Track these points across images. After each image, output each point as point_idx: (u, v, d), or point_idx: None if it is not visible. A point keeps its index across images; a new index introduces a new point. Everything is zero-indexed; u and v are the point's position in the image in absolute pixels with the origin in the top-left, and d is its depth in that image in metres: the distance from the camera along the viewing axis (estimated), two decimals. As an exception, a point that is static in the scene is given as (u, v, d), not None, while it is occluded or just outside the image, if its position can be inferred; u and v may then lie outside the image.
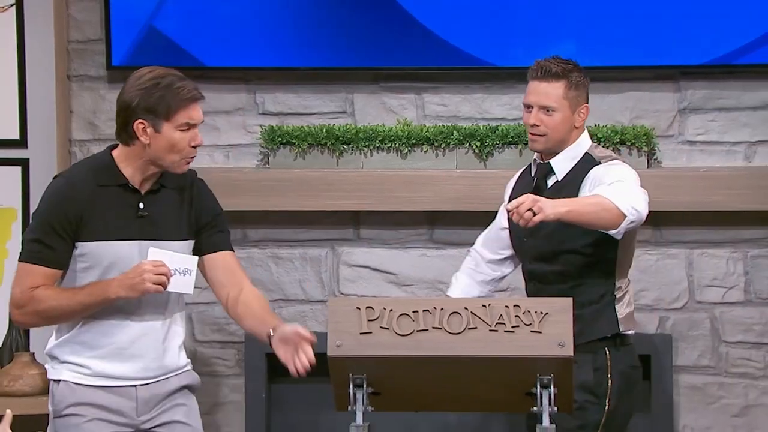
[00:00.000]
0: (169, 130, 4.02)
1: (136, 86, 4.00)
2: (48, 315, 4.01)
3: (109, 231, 4.03)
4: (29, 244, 4.00)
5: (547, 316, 3.92)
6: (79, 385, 4.03)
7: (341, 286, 5.41)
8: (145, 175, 4.07)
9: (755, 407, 5.34)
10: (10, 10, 5.48)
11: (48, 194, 4.04)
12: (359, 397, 3.96)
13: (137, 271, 4.00)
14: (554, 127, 4.43)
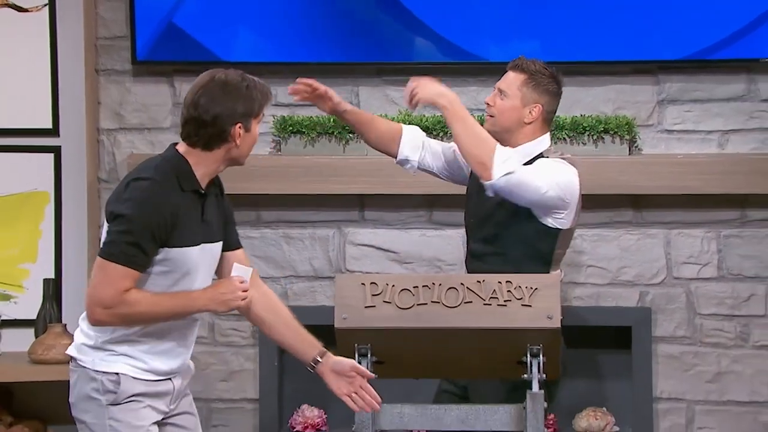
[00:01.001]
0: (255, 126, 3.95)
1: (226, 94, 3.88)
2: (134, 319, 3.86)
3: (190, 237, 3.89)
4: (126, 246, 3.79)
5: (537, 291, 3.93)
6: (135, 379, 3.93)
7: (347, 263, 5.39)
8: (211, 179, 3.97)
9: (727, 374, 5.33)
10: (44, 10, 5.46)
11: (141, 197, 3.83)
12: (364, 365, 3.94)
13: (230, 288, 3.93)
14: (501, 110, 4.39)
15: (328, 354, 4.09)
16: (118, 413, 3.90)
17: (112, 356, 3.91)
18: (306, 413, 5.44)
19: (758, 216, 5.29)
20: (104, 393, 3.90)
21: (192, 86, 3.90)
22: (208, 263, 3.98)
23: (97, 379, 3.90)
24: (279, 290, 5.37)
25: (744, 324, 5.31)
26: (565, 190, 4.32)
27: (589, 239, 5.31)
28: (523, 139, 4.41)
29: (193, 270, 3.91)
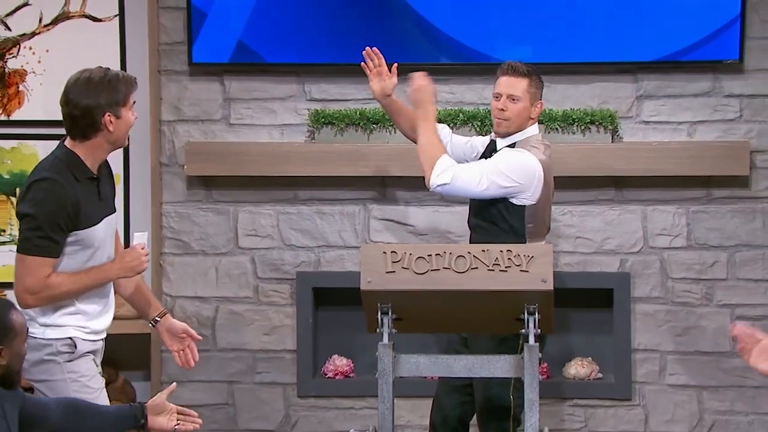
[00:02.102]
0: (126, 112, 3.95)
1: (90, 89, 3.88)
2: (58, 298, 3.91)
3: (92, 218, 3.92)
4: (38, 240, 3.83)
5: (533, 259, 3.93)
6: (84, 340, 3.98)
7: (371, 235, 5.39)
8: (99, 162, 3.99)
9: (694, 328, 5.33)
10: (114, 20, 5.47)
11: (43, 197, 3.84)
12: (385, 322, 3.97)
13: (134, 255, 3.98)
14: (517, 113, 4.43)
15: (168, 316, 4.21)
16: (74, 367, 3.95)
17: (61, 327, 3.95)
18: (336, 362, 5.47)
19: (721, 194, 5.29)
20: (59, 354, 3.93)
21: (64, 86, 3.92)
22: (110, 233, 4.04)
23: (51, 344, 3.93)
24: (313, 258, 5.40)
25: (709, 286, 5.31)
26: (515, 174, 4.35)
27: (577, 214, 5.32)
28: (525, 129, 4.48)
29: (101, 243, 3.97)
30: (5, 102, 5.51)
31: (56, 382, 3.93)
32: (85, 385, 3.95)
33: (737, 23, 5.15)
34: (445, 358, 4.13)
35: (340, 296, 5.30)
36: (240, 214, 5.42)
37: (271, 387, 5.43)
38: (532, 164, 4.38)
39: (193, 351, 4.23)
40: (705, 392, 5.33)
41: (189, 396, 5.43)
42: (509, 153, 4.41)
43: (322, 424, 5.42)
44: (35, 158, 5.50)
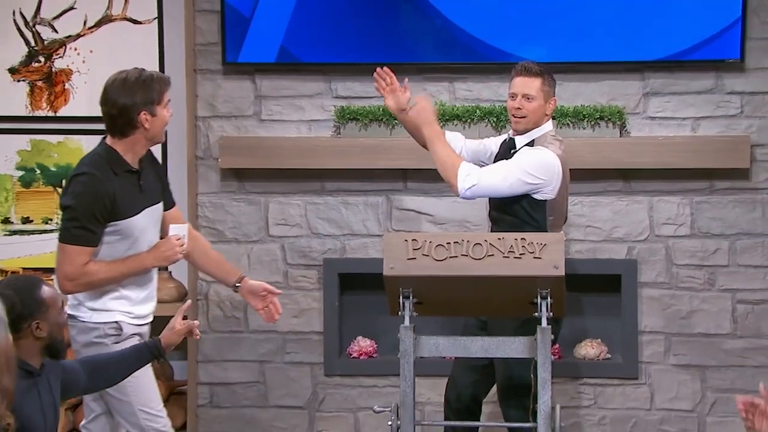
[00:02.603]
0: (161, 110, 3.97)
1: (126, 89, 3.91)
2: (95, 285, 3.95)
3: (132, 208, 3.96)
4: (76, 230, 3.87)
5: (546, 246, 3.93)
6: (130, 324, 4.03)
7: (393, 224, 5.39)
8: (140, 157, 4.01)
9: (697, 311, 5.32)
10: (153, 22, 5.50)
11: (81, 190, 3.89)
12: (407, 305, 3.98)
13: (169, 245, 4.02)
14: (533, 110, 4.44)
15: (246, 278, 4.30)
16: (121, 348, 3.97)
17: (107, 312, 3.99)
18: (360, 343, 5.47)
19: (723, 186, 5.27)
20: (106, 337, 3.98)
21: (103, 87, 3.95)
22: (153, 222, 4.06)
23: (99, 328, 3.98)
24: (339, 245, 5.40)
25: (711, 272, 5.29)
26: (538, 172, 4.35)
27: (587, 205, 5.31)
28: (540, 125, 4.47)
29: (142, 232, 4.00)
30: (52, 99, 5.53)
31: None
32: None
33: (738, 24, 5.14)
34: (463, 340, 4.13)
35: (364, 281, 5.30)
36: (270, 205, 5.42)
37: (300, 366, 5.44)
38: (552, 161, 4.38)
39: (276, 305, 4.33)
40: (707, 371, 5.32)
41: (223, 374, 5.45)
42: (530, 152, 4.41)
43: (347, 401, 5.43)
44: (80, 152, 5.52)
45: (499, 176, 4.35)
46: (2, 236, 5.58)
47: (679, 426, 5.33)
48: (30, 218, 5.59)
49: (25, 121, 5.54)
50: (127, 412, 4.01)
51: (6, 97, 5.52)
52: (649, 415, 5.34)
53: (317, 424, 5.45)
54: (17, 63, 5.53)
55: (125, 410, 4.01)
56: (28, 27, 5.52)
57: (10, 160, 5.56)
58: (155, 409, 4.04)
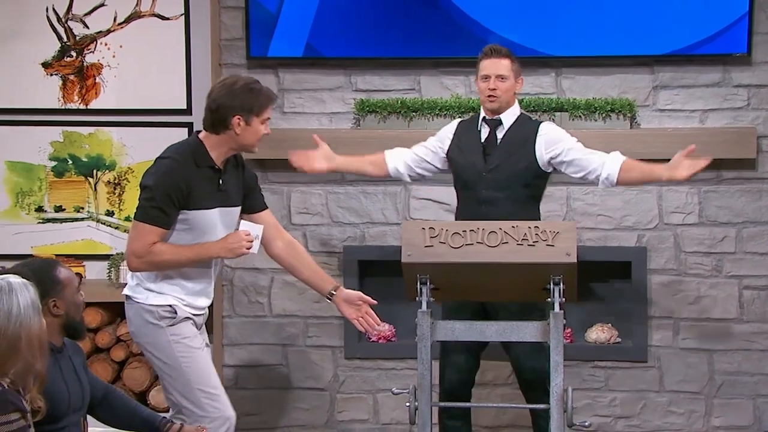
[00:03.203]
0: (257, 123, 3.97)
1: (230, 91, 3.93)
2: (160, 266, 3.96)
3: (206, 202, 3.97)
4: (150, 210, 3.89)
5: (558, 234, 3.93)
6: (183, 308, 4.04)
7: (411, 212, 5.38)
8: (227, 157, 4.02)
9: (704, 297, 5.30)
10: (180, 18, 5.48)
11: (162, 172, 3.91)
12: (424, 291, 3.98)
13: (236, 239, 4.00)
14: (506, 90, 4.49)
15: (341, 287, 4.24)
16: (176, 330, 4.01)
17: (161, 295, 4.00)
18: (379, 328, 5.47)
19: (730, 176, 5.25)
20: (161, 319, 3.99)
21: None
22: (226, 223, 4.04)
23: (153, 311, 3.99)
24: (358, 233, 5.40)
25: (718, 259, 5.28)
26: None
27: (599, 194, 5.29)
28: (513, 104, 4.55)
29: (211, 228, 3.99)
30: (83, 92, 5.55)
31: (161, 343, 4.00)
32: (187, 345, 4.02)
33: (746, 19, 5.11)
34: (478, 324, 4.13)
35: (382, 268, 5.30)
36: (293, 194, 5.42)
37: (321, 350, 5.45)
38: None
39: (373, 316, 4.22)
40: (714, 355, 5.30)
41: (247, 357, 5.46)
42: (555, 129, 4.56)
43: (366, 384, 5.44)
44: (110, 143, 5.54)
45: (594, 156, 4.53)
46: (36, 224, 5.60)
47: (687, 407, 5.32)
48: (62, 207, 5.61)
49: (58, 113, 5.56)
50: (185, 391, 4.00)
51: (39, 90, 5.54)
52: (658, 396, 5.33)
53: (338, 406, 5.46)
54: (50, 58, 5.54)
55: (184, 389, 4.00)
56: (60, 23, 5.53)
57: (43, 150, 5.57)
58: (214, 387, 4.03)
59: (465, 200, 4.56)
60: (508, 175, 4.47)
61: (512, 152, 4.49)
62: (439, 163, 4.67)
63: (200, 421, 3.96)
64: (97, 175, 5.58)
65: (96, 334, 5.40)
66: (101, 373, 5.33)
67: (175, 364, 3.99)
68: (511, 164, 4.48)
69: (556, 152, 4.49)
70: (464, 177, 4.55)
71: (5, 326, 2.99)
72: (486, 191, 4.49)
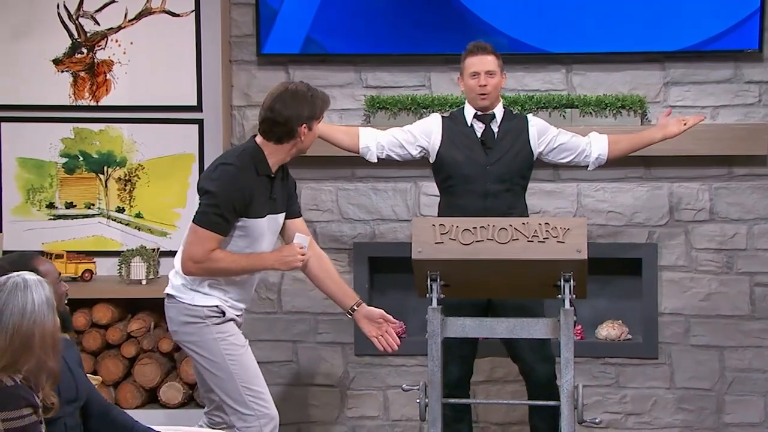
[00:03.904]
0: (316, 126, 4.00)
1: (295, 102, 3.93)
2: (216, 272, 3.97)
3: (260, 210, 3.98)
4: (213, 216, 3.88)
5: (569, 231, 3.93)
6: (228, 308, 4.05)
7: (421, 209, 5.38)
8: (281, 164, 4.03)
9: (715, 294, 5.29)
10: (191, 15, 5.48)
11: (227, 179, 3.90)
12: (434, 287, 3.98)
13: (292, 252, 4.04)
14: (495, 85, 4.56)
15: (363, 304, 4.21)
16: (221, 328, 4.02)
17: (207, 296, 4.01)
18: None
19: (741, 172, 5.24)
20: (206, 318, 4.00)
21: (269, 93, 3.98)
22: (272, 229, 4.07)
23: (198, 310, 3.99)
24: (369, 230, 5.40)
25: (729, 256, 5.26)
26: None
27: (609, 191, 5.28)
28: (498, 98, 4.62)
29: (261, 235, 4.01)
30: (94, 89, 5.55)
31: (206, 341, 4.00)
32: (232, 343, 4.03)
33: (757, 15, 5.10)
34: (488, 321, 4.13)
35: (393, 264, 5.29)
36: (303, 190, 5.42)
37: (331, 346, 5.45)
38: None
39: (393, 335, 4.19)
40: (725, 352, 5.29)
41: (258, 354, 5.42)
42: (540, 119, 4.69)
43: (376, 380, 5.43)
44: (121, 140, 5.55)
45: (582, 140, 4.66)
46: (47, 220, 5.60)
47: (697, 404, 5.31)
48: (73, 203, 5.61)
49: (69, 110, 5.56)
50: (230, 389, 4.00)
51: (50, 87, 5.54)
52: (668, 393, 5.32)
53: (348, 402, 5.46)
54: (61, 54, 5.55)
55: (228, 387, 4.00)
56: (71, 20, 5.53)
57: (54, 147, 5.58)
58: (259, 386, 4.04)
59: (465, 194, 4.57)
60: (510, 167, 4.54)
61: (511, 144, 4.57)
62: (414, 151, 4.69)
63: (245, 419, 3.98)
64: (108, 171, 5.58)
65: (107, 331, 5.40)
66: (112, 369, 5.34)
67: (221, 362, 3.98)
68: (511, 156, 4.56)
69: (547, 140, 4.62)
70: (464, 171, 4.56)
71: (19, 323, 3.00)
72: (490, 184, 4.53)
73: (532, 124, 4.61)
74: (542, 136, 4.61)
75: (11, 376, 3.00)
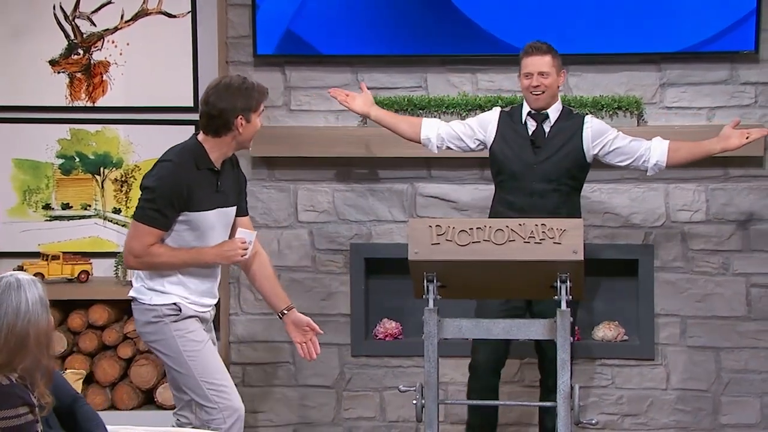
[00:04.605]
0: (255, 118, 4.01)
1: (228, 94, 3.95)
2: (156, 267, 4.01)
3: (205, 204, 4.01)
4: (150, 211, 3.93)
5: (565, 232, 3.93)
6: (187, 307, 4.07)
7: (418, 210, 5.37)
8: (224, 158, 4.05)
9: (712, 295, 5.29)
10: (187, 16, 5.48)
11: (163, 174, 3.94)
12: (431, 288, 3.98)
13: (232, 246, 4.07)
14: (549, 85, 4.59)
15: (294, 309, 4.27)
16: (179, 325, 4.06)
17: (165, 294, 4.05)
18: (386, 325, 5.47)
19: (737, 173, 5.24)
20: (165, 317, 4.04)
21: (206, 88, 4.00)
22: (223, 222, 4.09)
23: (156, 309, 4.04)
24: (365, 231, 5.39)
25: (725, 257, 5.26)
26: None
27: (606, 192, 5.28)
28: (557, 99, 4.68)
29: (210, 228, 4.03)
30: (91, 90, 5.55)
31: (167, 339, 4.05)
32: (190, 339, 4.06)
33: (753, 17, 5.10)
34: (485, 322, 4.13)
35: (389, 266, 5.29)
36: (299, 192, 5.42)
37: (328, 347, 5.44)
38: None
39: (315, 344, 4.29)
40: (722, 353, 5.29)
41: (255, 355, 5.46)
42: (599, 121, 4.73)
43: (373, 381, 5.43)
44: (117, 141, 5.54)
45: (640, 144, 4.68)
46: (43, 221, 5.60)
47: (694, 405, 5.31)
48: (69, 204, 5.61)
49: (65, 111, 5.56)
50: (192, 385, 4.06)
51: (47, 88, 5.54)
52: (664, 394, 5.32)
53: (344, 403, 5.45)
54: (57, 55, 5.55)
55: (190, 383, 4.06)
56: (67, 21, 5.53)
57: (51, 148, 5.58)
58: (219, 380, 4.07)
59: (513, 191, 4.65)
60: (557, 167, 4.59)
61: (561, 145, 4.61)
62: (473, 144, 4.79)
63: (209, 413, 4.03)
64: (104, 172, 5.58)
65: (103, 332, 5.40)
66: (108, 370, 5.34)
67: (181, 358, 4.05)
68: (561, 156, 4.61)
69: (603, 143, 4.64)
70: (512, 168, 4.64)
71: (14, 322, 3.00)
72: (536, 183, 4.60)
73: (588, 126, 4.65)
74: (598, 138, 4.63)
75: (7, 376, 3.01)
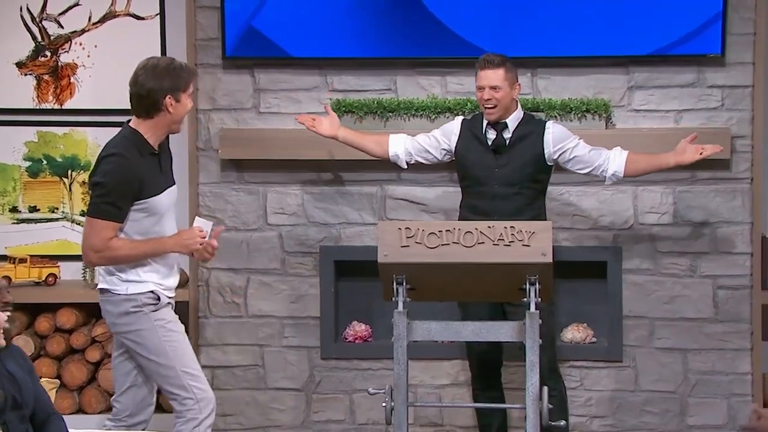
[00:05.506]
0: (185, 98, 4.04)
1: (156, 74, 3.98)
2: (116, 260, 4.02)
3: (156, 188, 4.04)
4: (104, 206, 3.95)
5: (534, 234, 3.94)
6: (163, 294, 4.11)
7: (387, 213, 5.38)
8: (161, 141, 4.09)
9: (679, 297, 5.31)
10: (156, 18, 5.48)
11: (112, 168, 3.95)
12: (400, 291, 3.99)
13: (191, 235, 4.12)
14: (501, 98, 4.62)
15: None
16: (158, 315, 4.09)
17: (142, 283, 4.07)
18: (356, 327, 5.46)
19: (704, 176, 5.26)
20: (144, 306, 4.06)
21: (134, 69, 4.02)
22: (172, 201, 4.16)
23: (135, 299, 4.05)
24: (335, 233, 5.39)
25: (693, 259, 5.29)
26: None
27: (574, 194, 5.30)
28: (514, 108, 4.69)
29: (166, 210, 4.10)
30: (58, 92, 5.52)
31: (144, 330, 4.06)
32: (170, 329, 4.09)
33: (719, 20, 5.13)
34: (454, 324, 4.14)
35: (359, 268, 5.29)
36: (269, 194, 5.41)
37: (297, 350, 5.43)
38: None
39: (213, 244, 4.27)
40: (689, 354, 5.32)
41: (223, 357, 5.44)
42: (561, 127, 4.74)
43: (343, 384, 5.42)
44: (85, 143, 5.51)
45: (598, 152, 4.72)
46: (10, 224, 5.56)
47: (661, 407, 5.34)
48: (37, 207, 5.57)
49: (32, 113, 5.53)
50: (171, 375, 4.07)
51: (14, 90, 5.51)
52: (633, 396, 5.34)
53: (314, 406, 5.44)
54: (24, 57, 5.51)
55: (169, 374, 4.07)
56: (34, 22, 5.50)
57: (18, 151, 5.54)
58: (196, 369, 4.13)
59: (477, 195, 4.70)
60: (519, 171, 4.64)
61: (522, 150, 4.65)
62: (439, 155, 4.84)
63: (184, 403, 4.05)
64: (72, 175, 5.55)
65: (71, 335, 5.37)
66: (76, 374, 5.31)
67: (161, 348, 4.05)
68: (522, 162, 4.65)
69: (564, 149, 4.68)
70: (475, 173, 4.69)
71: None
72: (498, 187, 4.64)
73: (549, 131, 4.69)
74: (559, 144, 4.68)
75: None
